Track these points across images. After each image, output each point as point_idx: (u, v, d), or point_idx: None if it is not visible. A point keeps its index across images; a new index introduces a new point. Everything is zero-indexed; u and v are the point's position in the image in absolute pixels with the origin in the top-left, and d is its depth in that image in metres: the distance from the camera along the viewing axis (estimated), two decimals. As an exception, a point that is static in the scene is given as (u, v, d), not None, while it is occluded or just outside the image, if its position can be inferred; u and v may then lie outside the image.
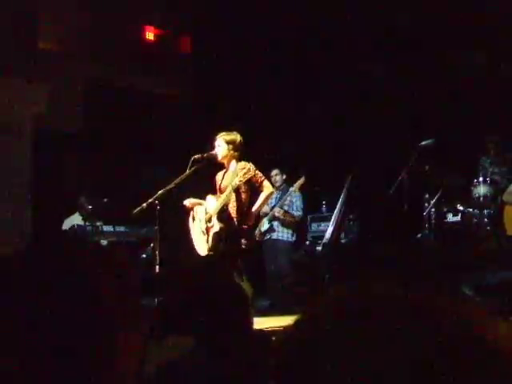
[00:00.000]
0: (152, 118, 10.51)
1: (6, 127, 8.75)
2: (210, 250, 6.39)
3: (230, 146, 6.44)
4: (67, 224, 8.72)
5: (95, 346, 1.03)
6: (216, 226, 6.31)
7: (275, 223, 9.02)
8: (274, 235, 9.03)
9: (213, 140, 6.52)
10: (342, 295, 0.77)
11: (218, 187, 6.64)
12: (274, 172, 9.22)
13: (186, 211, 6.72)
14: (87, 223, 8.54)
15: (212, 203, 6.46)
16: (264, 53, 10.73)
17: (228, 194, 6.26)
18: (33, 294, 1.03)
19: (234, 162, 6.49)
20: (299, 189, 8.99)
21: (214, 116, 9.86)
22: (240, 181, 6.11)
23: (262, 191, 6.52)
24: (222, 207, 6.32)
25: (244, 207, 6.45)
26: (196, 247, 6.59)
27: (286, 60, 10.75)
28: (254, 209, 6.59)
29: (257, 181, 6.41)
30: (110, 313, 1.06)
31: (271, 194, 6.90)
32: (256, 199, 6.60)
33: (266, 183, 6.56)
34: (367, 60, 10.21)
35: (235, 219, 6.36)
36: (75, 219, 8.81)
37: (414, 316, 0.71)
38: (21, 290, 1.04)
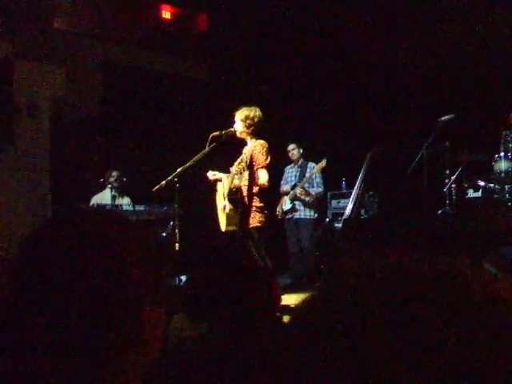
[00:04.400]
0: (170, 98, 10.50)
1: (25, 110, 8.77)
2: (226, 226, 6.42)
3: (246, 122, 6.42)
4: (96, 200, 8.83)
5: (122, 321, 1.03)
6: (227, 207, 6.35)
7: (297, 203, 9.01)
8: (297, 215, 9.03)
9: (233, 116, 6.51)
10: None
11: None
12: (291, 146, 9.21)
13: (209, 183, 6.71)
14: (110, 201, 8.62)
15: (226, 184, 6.48)
16: (281, 29, 10.65)
17: (237, 179, 6.25)
18: (59, 268, 1.02)
19: (250, 137, 6.48)
20: (321, 171, 8.98)
21: (232, 94, 9.82)
22: (235, 173, 6.19)
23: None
24: (231, 189, 6.31)
25: (257, 186, 6.37)
26: (219, 221, 6.61)
27: (304, 35, 10.67)
28: None
29: (255, 169, 6.30)
30: (137, 285, 1.05)
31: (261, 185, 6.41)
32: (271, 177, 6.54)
33: (260, 173, 6.30)
34: (388, 37, 10.12)
35: (246, 198, 6.30)
36: (107, 194, 8.90)
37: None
38: (47, 263, 1.03)
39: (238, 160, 6.32)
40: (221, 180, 6.60)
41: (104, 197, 8.89)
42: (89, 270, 1.02)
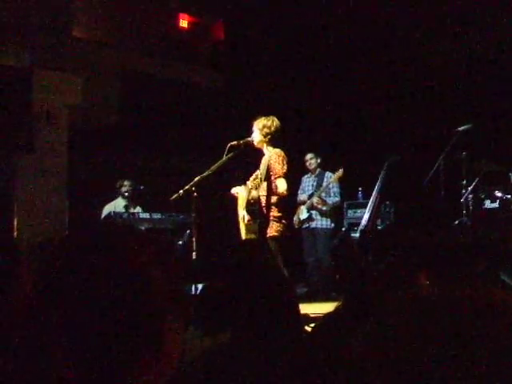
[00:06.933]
0: (186, 106, 10.52)
1: (44, 118, 8.81)
2: (246, 235, 6.41)
3: (264, 132, 6.41)
4: (109, 209, 8.86)
5: (144, 332, 1.03)
6: (246, 218, 6.37)
7: (313, 212, 9.00)
8: (313, 224, 9.02)
9: (251, 126, 6.50)
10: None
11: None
12: (309, 156, 9.22)
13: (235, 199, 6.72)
14: (123, 210, 8.64)
15: (244, 196, 6.47)
16: (297, 37, 10.66)
17: (255, 189, 6.24)
18: (80, 281, 1.03)
19: (268, 147, 6.46)
20: (338, 181, 8.96)
21: (249, 102, 9.83)
22: (251, 188, 6.17)
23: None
24: (249, 201, 6.30)
25: (275, 196, 6.37)
26: (240, 229, 6.61)
27: (321, 44, 10.67)
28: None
29: (274, 179, 6.31)
30: (158, 298, 1.05)
31: (281, 194, 6.40)
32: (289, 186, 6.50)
33: (279, 182, 6.30)
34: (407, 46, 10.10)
35: (264, 209, 6.29)
36: (119, 204, 8.94)
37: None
38: (68, 276, 1.04)
39: (254, 176, 6.30)
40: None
41: (117, 206, 8.92)
42: (111, 283, 1.02)
